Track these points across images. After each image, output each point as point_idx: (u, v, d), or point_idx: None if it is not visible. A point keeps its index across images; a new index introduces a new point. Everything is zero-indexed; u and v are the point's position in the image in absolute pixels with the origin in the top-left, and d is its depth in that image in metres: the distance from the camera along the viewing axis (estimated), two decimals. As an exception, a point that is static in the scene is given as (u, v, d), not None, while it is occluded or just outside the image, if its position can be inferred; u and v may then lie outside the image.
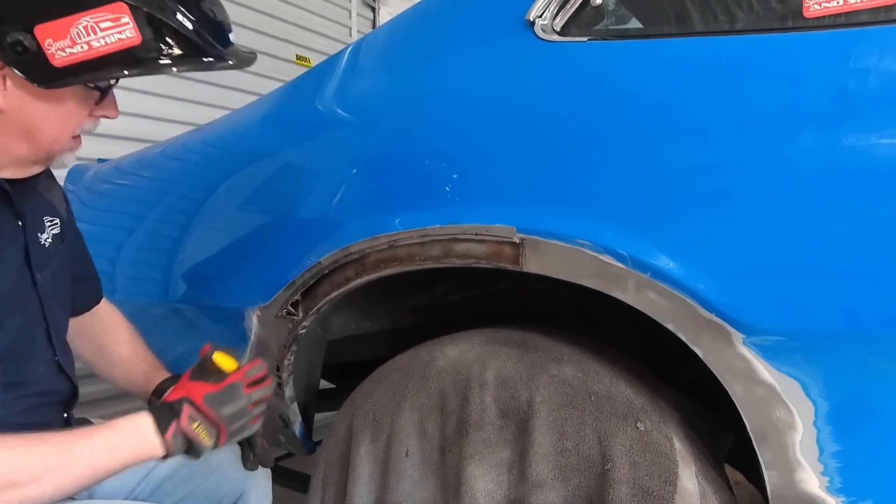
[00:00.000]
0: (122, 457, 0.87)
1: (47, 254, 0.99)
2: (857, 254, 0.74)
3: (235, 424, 0.96)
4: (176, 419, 0.92)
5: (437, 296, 1.37)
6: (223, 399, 0.96)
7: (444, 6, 1.17)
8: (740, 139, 0.81)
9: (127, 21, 0.80)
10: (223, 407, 0.95)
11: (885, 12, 0.76)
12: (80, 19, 0.79)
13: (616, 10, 0.96)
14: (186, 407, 0.93)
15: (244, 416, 0.97)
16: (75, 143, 0.94)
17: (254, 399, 0.99)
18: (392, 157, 1.10)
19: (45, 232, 1.00)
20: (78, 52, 0.80)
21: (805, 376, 0.79)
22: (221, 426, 0.95)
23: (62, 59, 0.80)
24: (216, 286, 1.35)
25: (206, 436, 0.93)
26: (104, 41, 0.80)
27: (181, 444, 0.92)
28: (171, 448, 0.91)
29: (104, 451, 0.85)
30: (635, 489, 0.87)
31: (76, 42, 0.79)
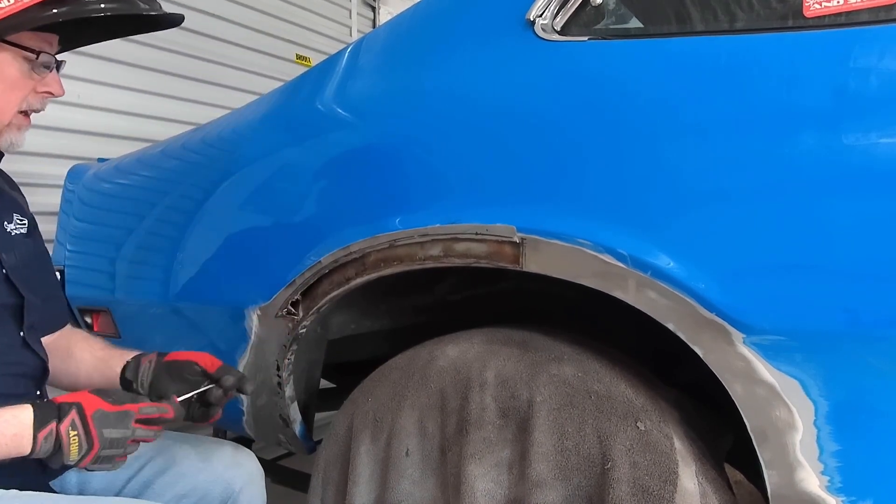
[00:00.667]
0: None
1: (13, 241, 1.01)
2: (857, 254, 0.74)
3: (107, 451, 0.92)
4: (56, 420, 0.89)
5: (437, 295, 1.37)
6: (111, 422, 0.91)
7: (444, 6, 1.17)
8: (740, 139, 0.81)
9: None
10: (106, 429, 0.91)
11: (885, 12, 0.76)
12: None
13: (616, 10, 0.96)
14: (73, 413, 0.90)
15: (118, 447, 0.92)
16: (23, 121, 0.96)
17: (137, 436, 0.94)
18: (392, 156, 1.10)
19: (13, 223, 1.03)
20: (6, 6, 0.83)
21: (805, 376, 0.79)
22: (96, 446, 0.90)
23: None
24: (216, 285, 1.35)
25: (76, 450, 0.89)
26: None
27: (50, 447, 0.89)
28: (38, 448, 0.88)
29: None
30: (635, 488, 0.87)
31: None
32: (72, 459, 0.90)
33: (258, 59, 3.26)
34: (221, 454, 1.11)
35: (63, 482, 1.07)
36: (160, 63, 2.75)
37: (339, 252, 1.11)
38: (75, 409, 0.90)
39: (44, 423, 0.88)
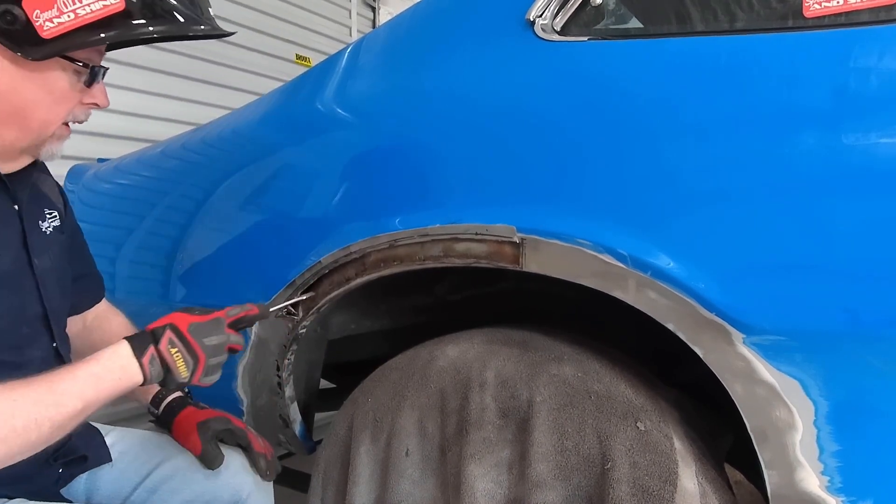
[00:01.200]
0: (107, 385, 0.86)
1: (48, 240, 1.00)
2: (857, 254, 0.74)
3: (214, 359, 0.94)
4: (154, 344, 0.91)
5: (437, 296, 1.37)
6: (208, 329, 0.95)
7: (444, 6, 1.17)
8: (740, 139, 0.81)
9: None
10: (207, 337, 0.94)
11: (885, 12, 0.76)
12: None
13: (616, 10, 0.96)
14: (168, 332, 0.92)
15: (220, 354, 0.96)
16: (65, 131, 0.95)
17: (231, 341, 0.97)
18: (392, 156, 1.10)
19: (45, 221, 1.01)
20: (66, 22, 0.82)
21: (805, 376, 0.79)
22: (202, 356, 0.93)
23: (50, 31, 0.82)
24: (216, 285, 1.35)
25: (183, 365, 0.92)
26: (89, 9, 0.83)
27: (158, 370, 0.91)
28: (147, 373, 0.89)
29: (89, 382, 0.85)
30: (635, 488, 0.87)
31: (63, 11, 0.82)
32: (183, 376, 0.92)
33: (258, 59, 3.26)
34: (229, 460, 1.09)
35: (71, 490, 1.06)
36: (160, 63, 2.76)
37: (339, 252, 1.11)
38: (169, 328, 0.93)
39: (143, 349, 0.90)
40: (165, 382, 0.93)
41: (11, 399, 0.78)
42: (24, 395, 0.79)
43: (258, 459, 1.08)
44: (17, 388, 0.79)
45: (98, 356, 0.89)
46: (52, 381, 0.83)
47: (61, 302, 1.03)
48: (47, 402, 0.80)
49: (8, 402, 0.78)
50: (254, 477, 1.11)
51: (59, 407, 0.81)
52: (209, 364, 0.94)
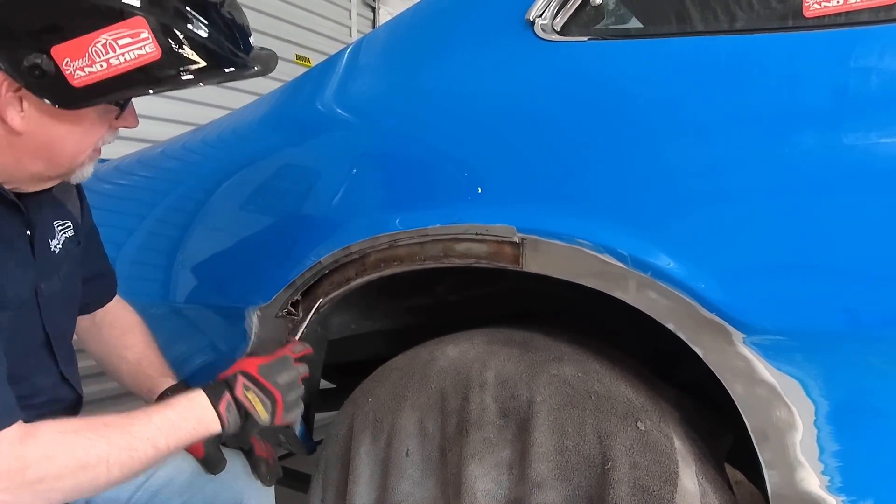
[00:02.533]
0: (182, 433, 0.88)
1: (56, 260, 0.97)
2: (857, 254, 0.74)
3: (291, 395, 0.97)
4: (229, 390, 0.93)
5: (437, 296, 1.37)
6: (277, 368, 0.97)
7: (444, 6, 1.17)
8: (740, 139, 0.81)
9: (146, 36, 0.77)
10: (278, 375, 0.96)
11: (885, 12, 0.76)
12: (98, 37, 0.76)
13: (616, 10, 0.96)
14: (241, 378, 0.94)
15: (296, 388, 0.98)
16: (95, 155, 0.93)
17: (301, 373, 1.00)
18: (392, 156, 1.10)
19: (56, 237, 0.98)
20: (97, 72, 0.77)
21: (805, 376, 0.79)
22: (278, 394, 0.95)
23: (81, 79, 0.77)
24: (216, 286, 1.35)
25: (262, 406, 0.93)
26: (123, 58, 0.77)
27: (236, 416, 0.92)
28: (226, 421, 0.91)
29: (163, 428, 0.86)
30: (635, 489, 0.87)
31: (95, 61, 0.76)
32: (264, 418, 0.94)
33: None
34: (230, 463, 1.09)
35: None
36: (160, 63, 2.75)
37: (339, 252, 1.11)
38: (240, 374, 0.95)
39: (218, 397, 0.92)
40: (247, 427, 0.94)
41: (87, 437, 0.79)
42: (100, 435, 0.80)
43: (259, 464, 1.08)
44: (94, 427, 0.80)
45: (174, 403, 0.90)
46: (128, 423, 0.84)
47: (66, 324, 1.02)
48: (121, 445, 0.81)
49: (83, 439, 0.78)
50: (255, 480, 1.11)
51: (132, 451, 0.82)
52: (287, 401, 0.97)
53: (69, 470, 0.76)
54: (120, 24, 0.76)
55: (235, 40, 0.87)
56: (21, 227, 0.90)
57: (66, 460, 0.76)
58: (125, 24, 0.76)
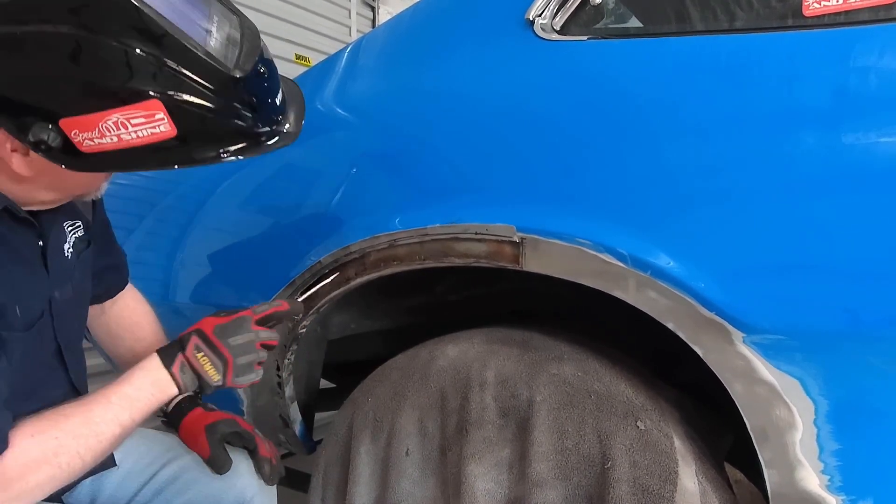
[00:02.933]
0: (141, 405, 0.88)
1: (69, 267, 0.96)
2: (857, 253, 0.74)
3: (242, 358, 0.95)
4: (181, 351, 0.92)
5: (437, 295, 1.37)
6: (231, 330, 0.95)
7: (444, 6, 1.17)
8: (740, 138, 0.81)
9: (161, 117, 0.73)
10: (231, 337, 0.94)
11: (884, 11, 0.76)
12: (109, 115, 0.72)
13: (616, 9, 0.96)
14: (194, 337, 0.94)
15: (251, 352, 0.96)
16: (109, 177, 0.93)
17: (262, 338, 0.97)
18: (392, 156, 1.10)
19: (68, 240, 0.97)
20: (108, 143, 0.73)
21: (805, 375, 0.79)
22: (229, 356, 0.93)
23: (90, 147, 0.74)
24: (216, 286, 1.35)
25: (212, 368, 0.93)
26: (136, 135, 0.74)
27: (191, 376, 0.92)
28: (180, 382, 0.91)
29: (123, 405, 0.86)
30: (635, 488, 0.87)
31: (105, 135, 0.73)
32: (215, 380, 0.93)
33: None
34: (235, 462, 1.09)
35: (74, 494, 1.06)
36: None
37: (339, 252, 1.11)
38: (195, 334, 0.94)
39: (171, 358, 0.91)
40: (201, 388, 0.94)
41: (54, 437, 0.79)
42: (65, 431, 0.80)
43: (263, 465, 1.08)
44: (57, 424, 0.80)
45: (129, 376, 0.90)
46: (87, 410, 0.83)
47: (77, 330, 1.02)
48: (86, 434, 0.82)
49: (51, 440, 0.79)
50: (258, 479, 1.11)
51: (99, 436, 0.82)
52: (238, 364, 0.94)
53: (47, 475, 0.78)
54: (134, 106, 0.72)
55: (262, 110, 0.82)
56: (34, 239, 0.89)
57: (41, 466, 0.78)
58: (139, 106, 0.72)
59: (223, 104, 0.77)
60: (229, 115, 0.78)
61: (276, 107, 0.85)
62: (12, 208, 0.82)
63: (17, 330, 0.83)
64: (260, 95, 0.82)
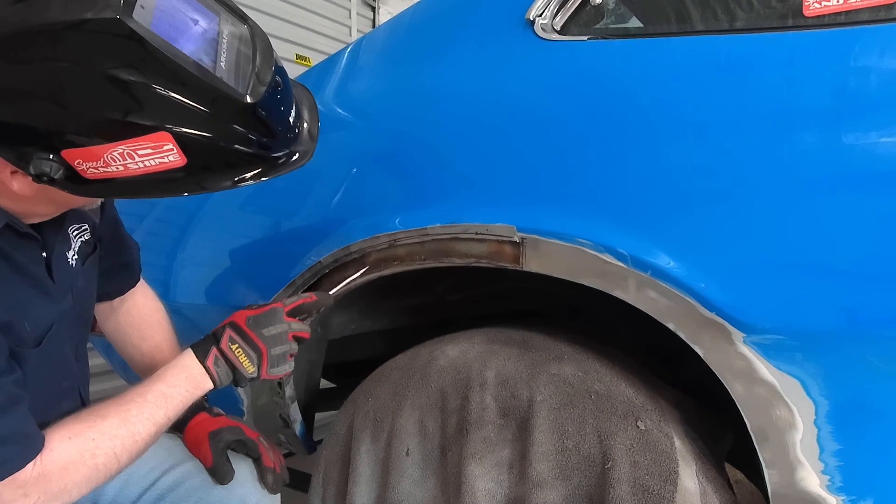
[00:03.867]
0: (177, 402, 0.88)
1: (73, 274, 0.95)
2: (857, 253, 0.74)
3: (276, 349, 0.95)
4: (216, 344, 0.93)
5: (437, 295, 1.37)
6: (264, 321, 0.96)
7: (444, 6, 1.17)
8: (740, 138, 0.81)
9: (170, 147, 0.70)
10: (264, 328, 0.95)
11: (884, 11, 0.76)
12: (114, 147, 0.69)
13: (616, 9, 0.96)
14: (228, 330, 0.94)
15: (284, 343, 0.97)
16: None
17: (293, 329, 0.98)
18: (392, 156, 1.10)
19: (72, 248, 0.95)
20: (113, 171, 0.70)
21: (805, 375, 0.79)
22: (263, 347, 0.94)
23: (95, 175, 0.71)
24: (217, 286, 1.35)
25: (247, 360, 0.93)
26: (143, 164, 0.70)
27: (226, 370, 0.93)
28: (215, 376, 0.91)
29: (159, 403, 0.87)
30: (636, 488, 0.87)
31: (110, 164, 0.70)
32: (250, 371, 0.94)
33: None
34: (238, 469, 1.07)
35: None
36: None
37: (339, 252, 1.11)
38: (229, 327, 0.95)
39: (206, 352, 0.92)
40: (237, 381, 0.94)
41: (91, 439, 0.80)
42: (101, 432, 0.81)
43: (266, 474, 1.08)
44: (94, 425, 0.81)
45: (163, 373, 0.90)
46: (124, 410, 0.84)
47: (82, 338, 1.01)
48: (122, 435, 0.82)
49: (88, 442, 0.79)
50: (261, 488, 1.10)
51: (135, 436, 0.83)
52: (272, 354, 0.95)
53: (84, 476, 0.79)
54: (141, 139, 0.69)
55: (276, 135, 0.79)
56: (37, 252, 0.87)
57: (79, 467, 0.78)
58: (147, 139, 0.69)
59: (236, 132, 0.74)
60: (243, 142, 0.75)
61: (291, 125, 0.82)
62: (14, 224, 0.81)
63: (29, 346, 0.83)
64: (274, 118, 0.78)
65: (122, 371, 1.63)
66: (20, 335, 0.81)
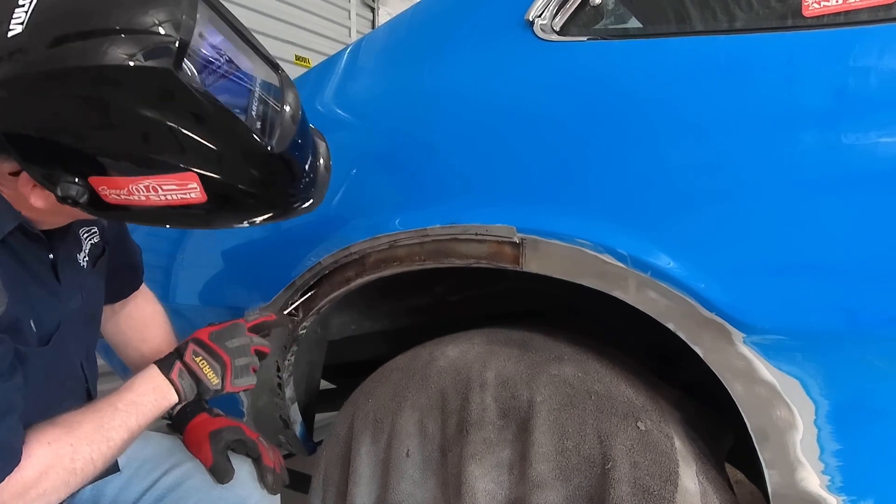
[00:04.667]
0: (146, 411, 0.90)
1: (82, 276, 0.96)
2: (857, 253, 0.74)
3: (240, 360, 0.98)
4: (179, 358, 0.94)
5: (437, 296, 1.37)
6: (226, 335, 0.99)
7: (444, 6, 1.17)
8: (740, 139, 0.81)
9: (194, 186, 0.74)
10: (227, 340, 0.98)
11: (884, 11, 0.76)
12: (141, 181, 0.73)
13: (615, 10, 0.96)
14: (191, 345, 0.96)
15: (247, 355, 0.99)
16: None
17: (255, 343, 1.01)
18: (392, 157, 1.10)
19: (83, 249, 0.97)
20: (135, 200, 0.75)
21: (806, 375, 0.79)
22: (227, 358, 0.96)
23: (117, 200, 0.75)
24: (217, 286, 1.35)
25: (211, 371, 0.95)
26: (165, 198, 0.75)
27: (190, 382, 0.94)
28: (179, 387, 0.93)
29: (129, 410, 0.88)
30: (636, 488, 0.87)
31: (134, 194, 0.74)
32: (214, 383, 0.95)
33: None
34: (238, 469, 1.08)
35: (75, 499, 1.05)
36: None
37: (339, 253, 1.11)
38: (192, 342, 0.97)
39: (170, 366, 0.94)
40: (200, 393, 0.96)
41: (69, 444, 0.81)
42: (79, 438, 0.82)
43: (266, 474, 1.08)
44: (73, 431, 0.82)
45: (131, 383, 0.92)
46: (98, 417, 0.85)
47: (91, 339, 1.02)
48: (99, 440, 0.84)
49: (67, 447, 0.81)
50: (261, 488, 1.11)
51: (109, 442, 0.85)
52: (236, 366, 0.97)
53: (62, 480, 0.80)
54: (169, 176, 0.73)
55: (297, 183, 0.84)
56: (44, 254, 0.89)
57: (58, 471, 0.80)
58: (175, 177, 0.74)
59: (259, 179, 0.78)
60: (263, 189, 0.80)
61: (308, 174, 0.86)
62: (27, 226, 0.83)
63: (35, 345, 0.84)
64: (296, 167, 0.83)
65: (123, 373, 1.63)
66: (26, 334, 0.82)
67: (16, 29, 0.67)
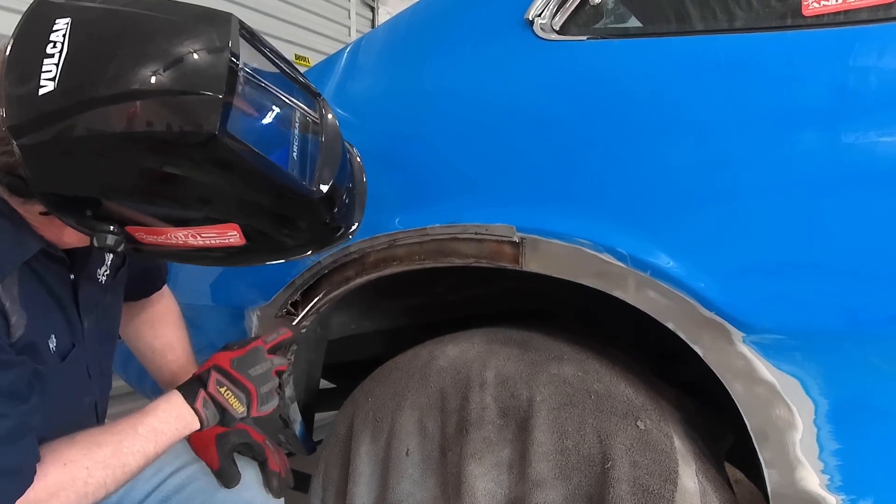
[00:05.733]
0: (165, 438, 0.89)
1: (100, 292, 0.95)
2: (857, 253, 0.74)
3: (264, 387, 0.97)
4: (203, 387, 0.93)
5: (437, 295, 1.37)
6: (249, 361, 0.97)
7: (443, 6, 1.17)
8: (740, 138, 0.81)
9: (234, 233, 0.75)
10: (251, 368, 0.96)
11: (883, 11, 0.76)
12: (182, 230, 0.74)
13: (615, 9, 0.96)
14: (213, 373, 0.95)
15: (270, 381, 0.98)
16: None
17: (275, 364, 1.00)
18: (391, 156, 1.10)
19: (105, 264, 0.96)
20: (171, 243, 0.75)
21: (805, 375, 0.79)
22: (252, 388, 0.95)
23: (152, 243, 0.75)
24: (217, 286, 1.35)
25: (237, 401, 0.94)
26: (203, 242, 0.75)
27: (213, 411, 0.93)
28: (203, 417, 0.92)
29: (149, 437, 0.87)
30: (636, 487, 0.87)
31: (172, 239, 0.75)
32: (239, 411, 0.94)
33: (257, 59, 3.25)
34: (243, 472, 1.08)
35: None
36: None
37: (338, 252, 1.11)
38: (213, 370, 0.95)
39: (194, 395, 0.93)
40: (224, 422, 0.95)
41: (85, 467, 0.80)
42: (95, 461, 0.81)
43: (271, 478, 1.08)
44: (90, 454, 0.81)
45: (154, 409, 0.90)
46: (118, 440, 0.84)
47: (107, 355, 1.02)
48: (114, 465, 0.83)
49: (82, 470, 0.80)
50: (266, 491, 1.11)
51: (125, 467, 0.84)
52: (261, 393, 0.97)
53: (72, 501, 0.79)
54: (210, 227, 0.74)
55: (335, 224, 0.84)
56: (65, 274, 0.88)
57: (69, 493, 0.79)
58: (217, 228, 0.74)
59: (298, 225, 0.79)
60: (303, 233, 0.81)
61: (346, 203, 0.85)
62: (50, 249, 0.82)
63: (52, 363, 0.84)
64: (336, 209, 0.82)
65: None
66: (44, 355, 0.82)
67: (47, 86, 0.64)
